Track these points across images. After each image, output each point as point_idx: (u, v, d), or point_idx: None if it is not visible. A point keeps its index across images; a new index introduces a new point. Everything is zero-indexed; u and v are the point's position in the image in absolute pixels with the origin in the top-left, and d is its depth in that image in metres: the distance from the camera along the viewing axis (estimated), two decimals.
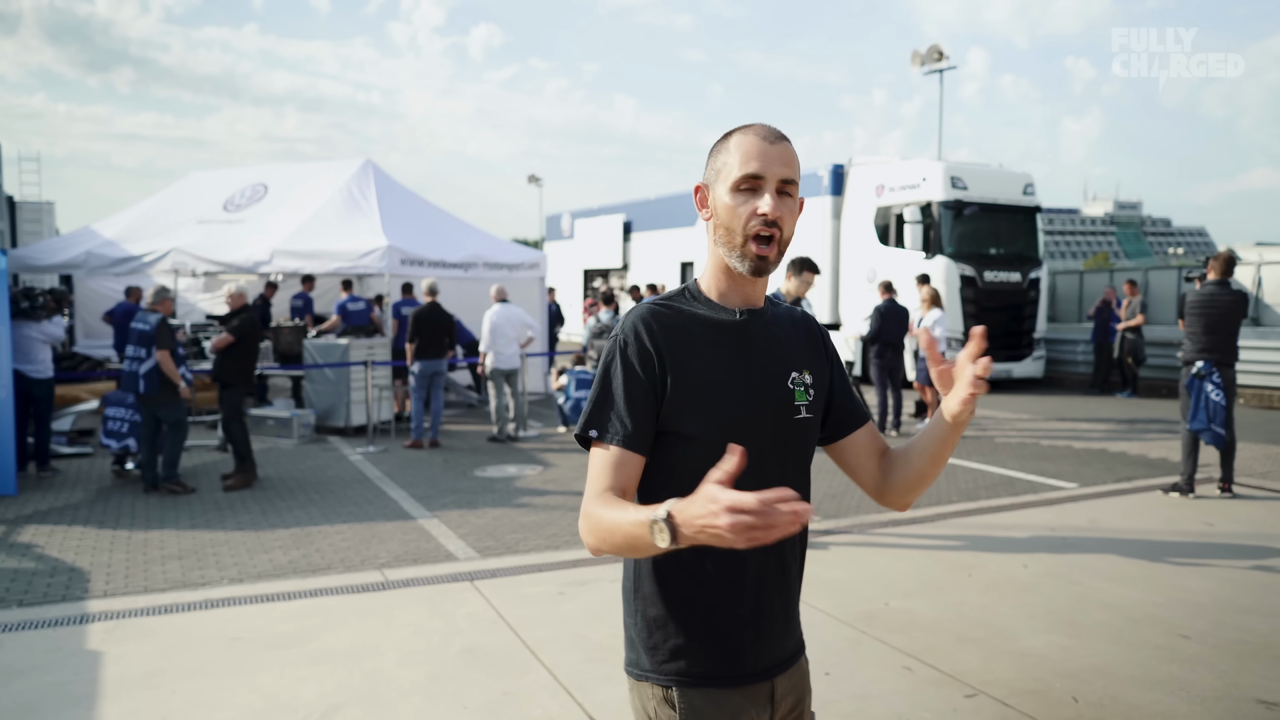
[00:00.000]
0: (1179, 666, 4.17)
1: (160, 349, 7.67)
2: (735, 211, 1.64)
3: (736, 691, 1.68)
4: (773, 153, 1.64)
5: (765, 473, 1.62)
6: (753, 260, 1.64)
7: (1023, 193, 16.08)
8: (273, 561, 5.90)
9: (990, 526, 6.64)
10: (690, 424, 1.64)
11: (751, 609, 1.68)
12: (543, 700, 3.85)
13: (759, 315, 1.73)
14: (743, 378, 1.68)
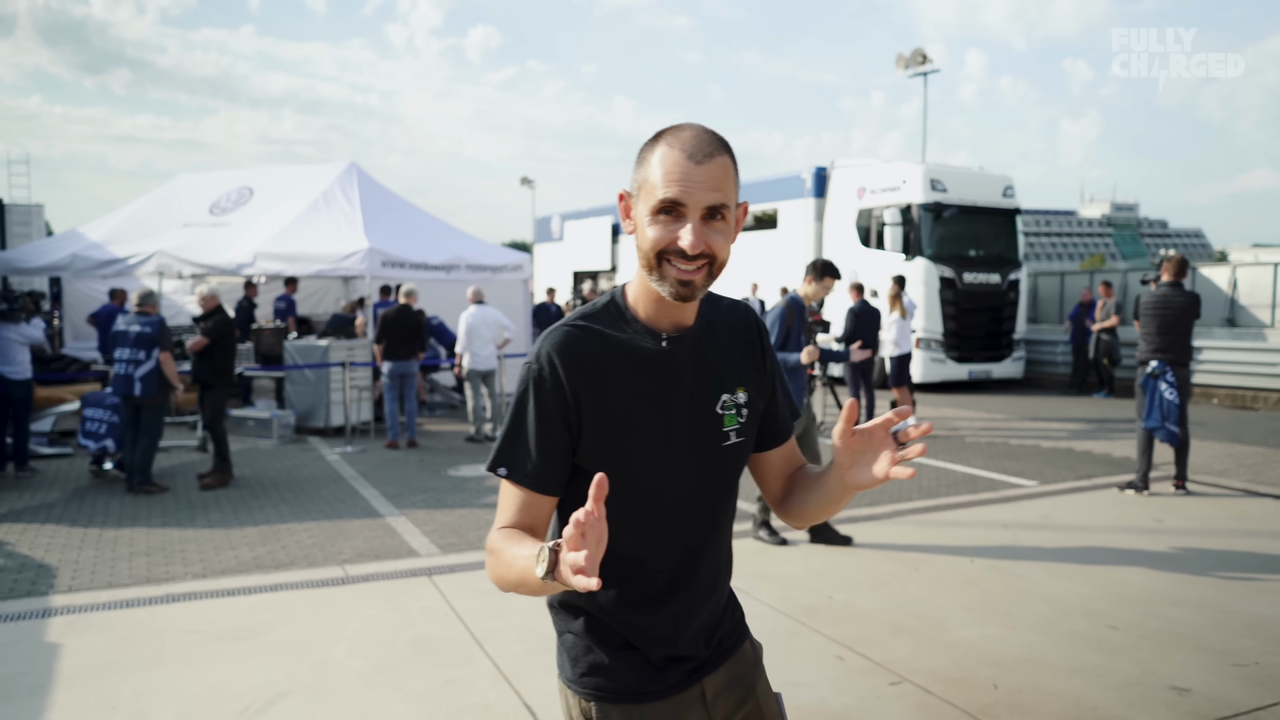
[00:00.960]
0: (1102, 655, 4.31)
1: (164, 350, 7.80)
2: (653, 238, 1.49)
3: (660, 704, 1.65)
4: (698, 175, 1.46)
5: (691, 506, 1.63)
6: (674, 286, 1.50)
7: (1002, 195, 16.23)
8: (238, 558, 6.04)
9: (945, 523, 6.78)
10: (607, 463, 1.51)
11: (669, 623, 1.64)
12: (481, 689, 3.99)
13: (687, 338, 1.61)
14: (665, 412, 1.59)
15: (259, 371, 12.26)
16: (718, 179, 1.47)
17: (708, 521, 1.67)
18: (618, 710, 1.63)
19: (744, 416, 1.66)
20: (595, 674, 1.64)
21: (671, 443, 1.59)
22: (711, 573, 1.70)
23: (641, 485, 1.58)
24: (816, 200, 17.08)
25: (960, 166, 16.89)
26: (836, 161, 17.17)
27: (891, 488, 8.06)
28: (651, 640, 1.64)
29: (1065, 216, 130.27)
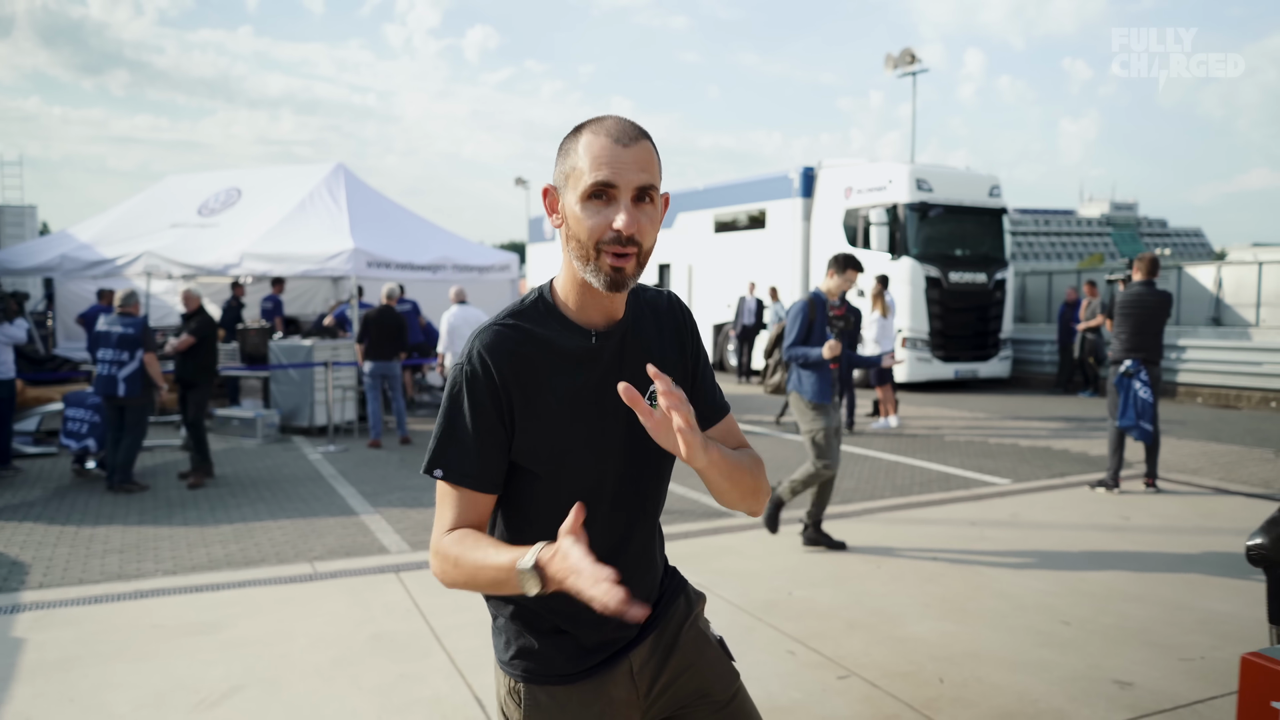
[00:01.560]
0: (1051, 650, 4.36)
1: (148, 351, 7.85)
2: (586, 225, 1.50)
3: (586, 683, 1.69)
4: (626, 157, 1.48)
5: (619, 494, 1.65)
6: (608, 274, 1.51)
7: (989, 194, 16.29)
8: (210, 555, 6.10)
9: (914, 521, 6.84)
10: (539, 459, 1.59)
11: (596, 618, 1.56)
12: (435, 682, 4.04)
13: (615, 331, 1.64)
14: (595, 407, 1.61)
15: (243, 371, 12.31)
16: (644, 160, 1.50)
17: (637, 507, 1.70)
18: (544, 692, 1.68)
19: None
20: (524, 657, 1.69)
21: (602, 436, 1.61)
22: (640, 554, 1.73)
23: (574, 478, 1.61)
24: (804, 200, 17.14)
25: (946, 166, 16.96)
26: (824, 161, 17.23)
27: (863, 485, 8.13)
28: (581, 624, 1.65)
29: (1064, 216, 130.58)
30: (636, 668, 1.73)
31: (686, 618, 1.81)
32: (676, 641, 1.79)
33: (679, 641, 1.79)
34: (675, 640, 1.79)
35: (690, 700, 1.79)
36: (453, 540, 1.55)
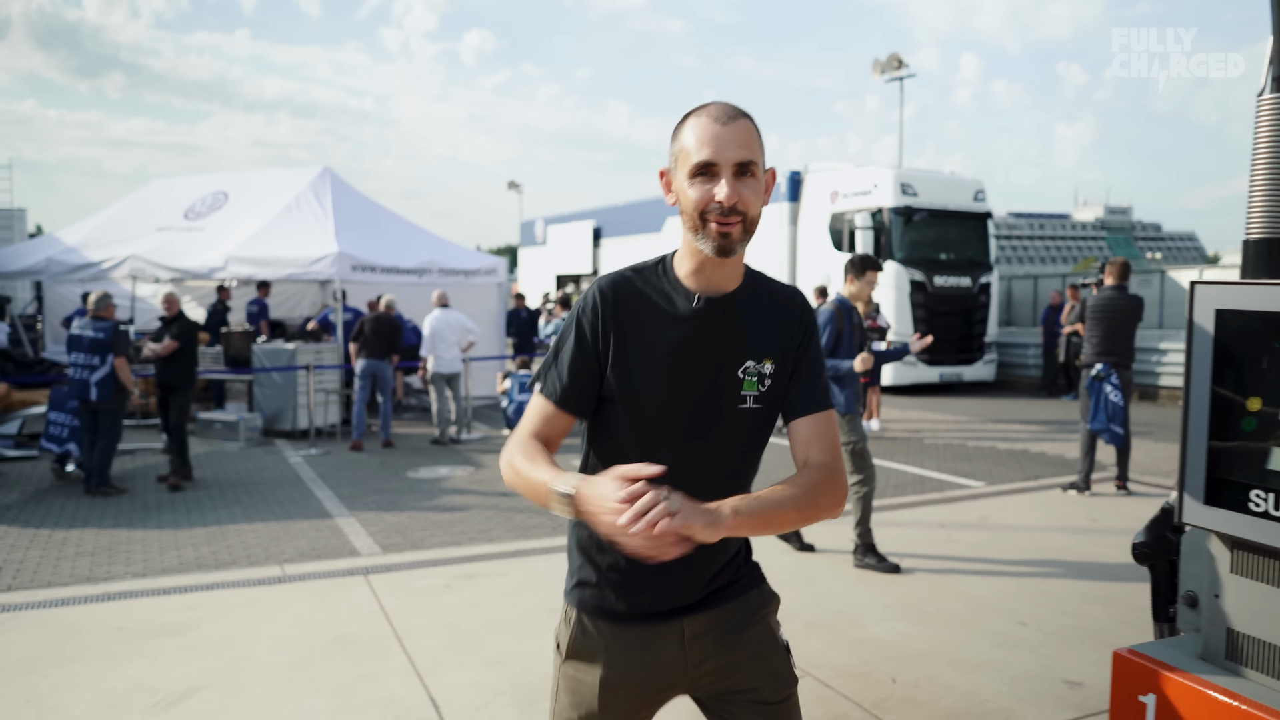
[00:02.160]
0: (1005, 651, 4.41)
1: (119, 355, 7.87)
2: (693, 198, 1.64)
3: (634, 628, 1.78)
4: (725, 135, 1.61)
5: (701, 459, 1.72)
6: (715, 240, 1.63)
7: (973, 199, 16.37)
8: (181, 558, 6.13)
9: (884, 523, 6.86)
10: (627, 400, 1.72)
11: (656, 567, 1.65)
12: (392, 683, 4.08)
13: (722, 302, 1.73)
14: (685, 365, 1.71)
15: (226, 374, 12.34)
16: (743, 138, 1.63)
17: (715, 478, 1.74)
18: (592, 623, 1.80)
19: (765, 386, 1.75)
20: (581, 587, 1.82)
21: (685, 395, 1.72)
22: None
23: (652, 424, 1.73)
24: (791, 204, 17.21)
25: (931, 170, 17.05)
26: (810, 165, 17.31)
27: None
28: (639, 569, 1.69)
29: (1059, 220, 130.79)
30: (689, 634, 1.79)
31: (758, 610, 1.86)
32: (743, 631, 1.82)
33: (745, 632, 1.83)
34: (741, 629, 1.83)
35: (741, 692, 1.82)
36: (520, 448, 1.73)
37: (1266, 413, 1.41)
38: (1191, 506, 1.49)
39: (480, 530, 6.80)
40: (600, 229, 24.79)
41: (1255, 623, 1.44)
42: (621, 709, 1.81)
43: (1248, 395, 1.43)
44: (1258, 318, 1.42)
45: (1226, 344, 1.45)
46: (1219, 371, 1.45)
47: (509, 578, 5.62)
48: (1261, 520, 1.39)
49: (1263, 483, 1.39)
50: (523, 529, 6.85)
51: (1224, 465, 1.44)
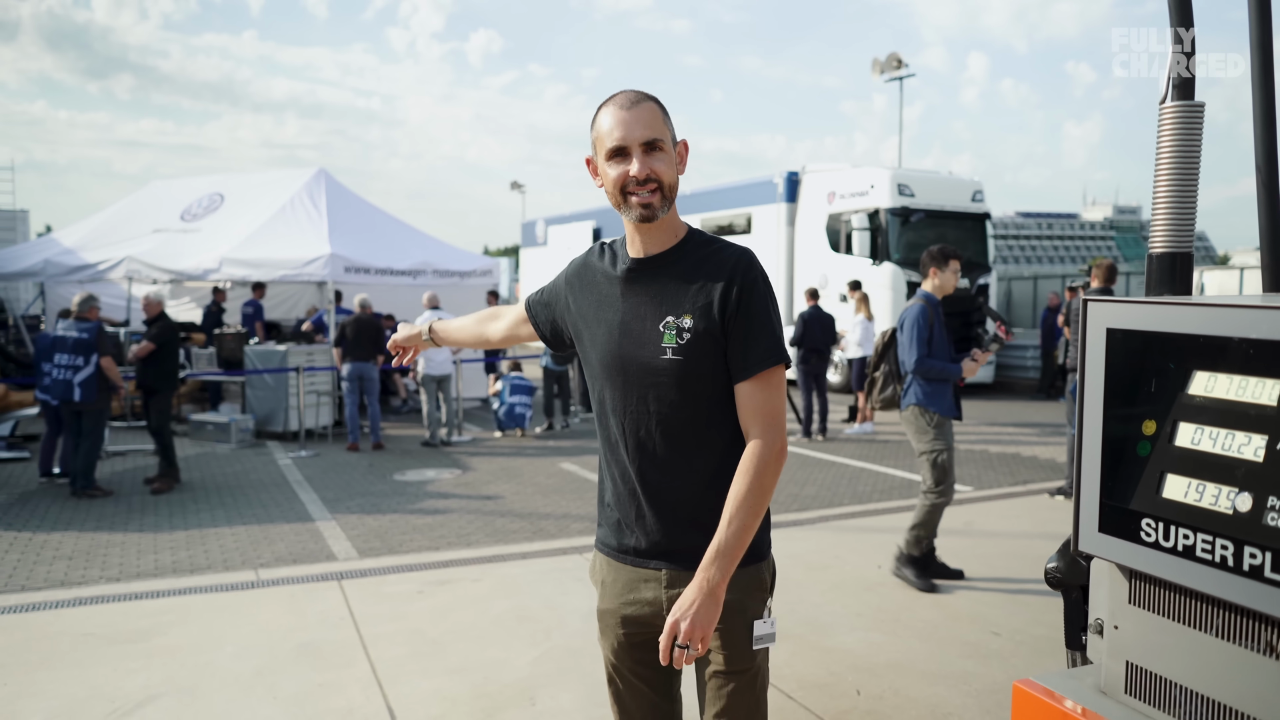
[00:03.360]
0: (975, 662, 4.36)
1: (104, 355, 7.87)
2: (613, 178, 1.87)
3: (622, 566, 2.02)
4: (631, 119, 1.83)
5: (632, 406, 1.94)
6: (638, 210, 1.86)
7: (971, 199, 16.28)
8: (158, 562, 6.11)
9: (866, 529, 6.83)
10: (580, 349, 2.08)
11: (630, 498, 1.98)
12: (351, 692, 4.04)
13: (649, 262, 1.94)
14: (609, 320, 1.97)
15: (218, 376, 12.34)
16: (647, 120, 1.84)
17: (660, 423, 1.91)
18: (597, 556, 2.13)
19: (683, 339, 1.88)
20: (598, 528, 2.13)
21: (615, 344, 1.95)
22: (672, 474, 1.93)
23: (599, 379, 2.01)
24: (788, 205, 17.14)
25: (929, 171, 16.95)
26: (808, 166, 17.23)
27: (824, 492, 8.12)
28: (621, 508, 2.01)
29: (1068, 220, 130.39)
30: (666, 582, 1.96)
31: (735, 587, 1.87)
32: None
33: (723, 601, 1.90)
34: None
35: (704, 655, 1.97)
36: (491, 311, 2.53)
37: (1160, 437, 1.36)
38: (1087, 534, 1.44)
39: (459, 535, 6.77)
40: (600, 229, 24.73)
41: (1151, 656, 1.39)
42: (617, 635, 2.05)
43: (1142, 419, 1.38)
44: (1148, 337, 1.37)
45: (1118, 365, 1.40)
46: (1111, 393, 1.40)
47: (482, 583, 5.58)
48: (1152, 550, 1.34)
49: (1155, 511, 1.34)
50: (502, 533, 6.82)
51: (1118, 492, 1.39)
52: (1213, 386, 1.30)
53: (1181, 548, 1.30)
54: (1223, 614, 1.29)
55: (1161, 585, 1.38)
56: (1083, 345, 1.43)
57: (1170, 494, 1.33)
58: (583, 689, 4.05)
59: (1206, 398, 1.31)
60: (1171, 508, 1.33)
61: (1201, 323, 1.30)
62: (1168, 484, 1.34)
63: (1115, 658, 1.45)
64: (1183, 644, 1.34)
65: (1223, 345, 1.28)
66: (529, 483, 8.74)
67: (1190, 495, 1.31)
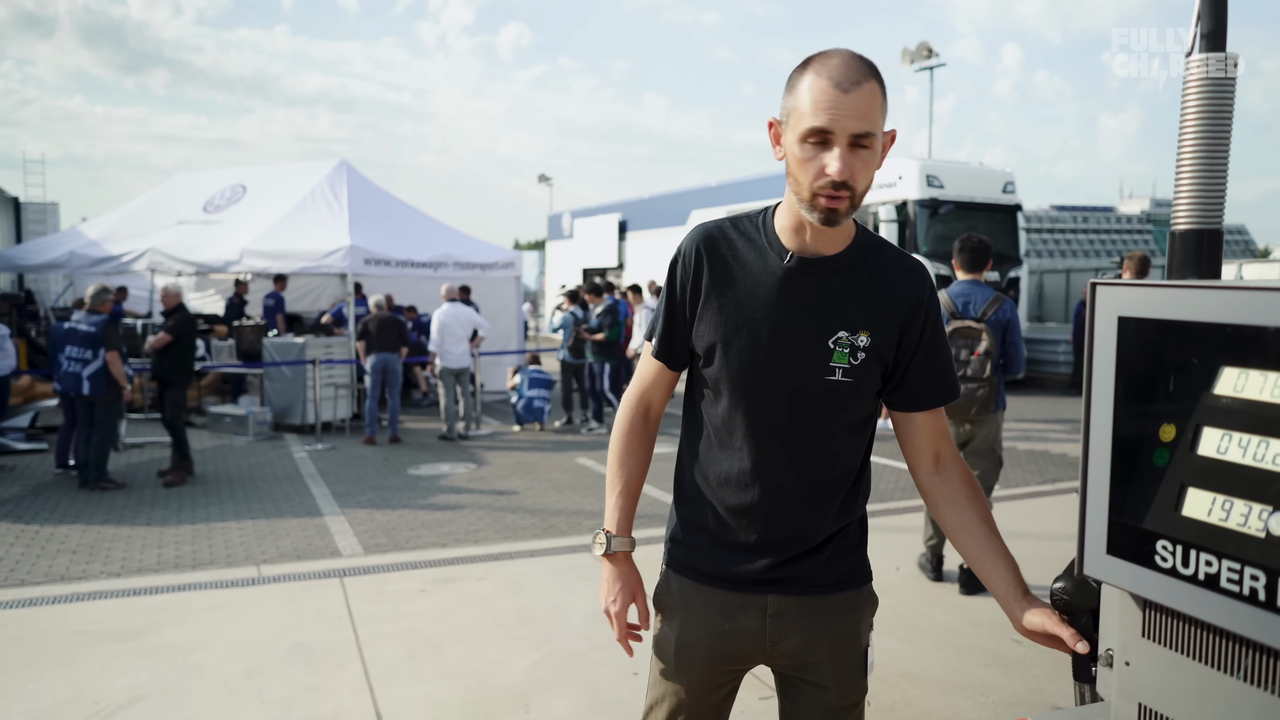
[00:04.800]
0: (993, 672, 4.14)
1: (110, 350, 7.81)
2: (803, 165, 1.54)
3: (715, 591, 1.76)
4: (845, 104, 1.49)
5: (788, 426, 1.69)
6: (822, 213, 1.56)
7: (1002, 191, 15.91)
8: (161, 557, 6.02)
9: (886, 528, 6.60)
10: (711, 355, 1.70)
11: (747, 521, 1.73)
12: (340, 696, 3.91)
13: (819, 264, 1.66)
14: (769, 324, 1.65)
15: (234, 368, 12.33)
16: (865, 107, 1.50)
17: (803, 445, 1.70)
18: (678, 580, 1.83)
19: (857, 359, 1.66)
20: (674, 544, 1.86)
21: (770, 354, 1.66)
22: (803, 498, 1.72)
23: (737, 385, 1.69)
24: None
25: (959, 161, 16.60)
26: None
27: None
28: (727, 532, 1.75)
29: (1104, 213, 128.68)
30: (772, 611, 1.75)
31: (851, 611, 1.80)
32: (829, 628, 1.77)
33: (831, 629, 1.77)
34: (828, 625, 1.77)
35: (810, 684, 1.80)
36: (621, 435, 1.87)
37: (1180, 444, 1.16)
38: (1093, 556, 1.24)
39: (468, 531, 6.63)
40: (625, 222, 24.57)
41: (1167, 699, 1.19)
42: (698, 670, 1.80)
43: (1159, 422, 1.17)
44: (1167, 326, 1.16)
45: (1131, 359, 1.20)
46: (1123, 392, 1.20)
47: (487, 582, 5.44)
48: (1168, 578, 1.14)
49: (1173, 532, 1.14)
50: (512, 530, 6.67)
51: (1130, 508, 1.19)
52: (1244, 385, 1.10)
53: (1204, 576, 1.10)
54: (1252, 655, 1.09)
55: (1180, 618, 1.18)
56: (1090, 336, 1.23)
57: (1191, 511, 1.13)
58: (580, 696, 3.89)
59: (1236, 398, 1.10)
60: (1193, 528, 1.12)
61: (1231, 310, 1.10)
62: (1189, 499, 1.14)
63: (1126, 698, 1.25)
64: (1204, 687, 1.14)
65: (1256, 336, 1.07)
66: (543, 478, 8.58)
67: (1215, 514, 1.11)
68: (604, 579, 1.85)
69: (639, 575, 1.89)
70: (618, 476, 1.86)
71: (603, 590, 1.85)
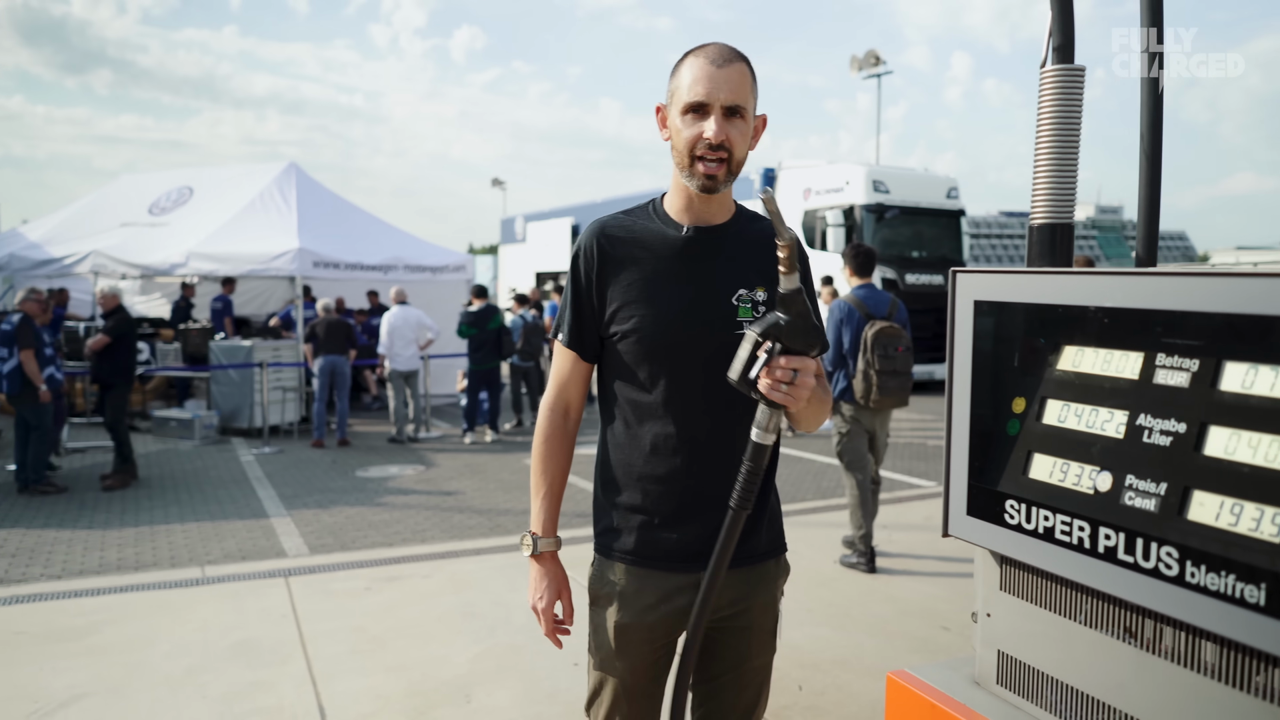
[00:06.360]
0: (921, 657, 4.30)
1: (23, 349, 7.71)
2: (684, 135, 1.70)
3: (652, 573, 1.84)
4: (719, 77, 1.67)
5: (705, 383, 1.76)
6: (701, 179, 1.71)
7: (946, 196, 16.27)
8: (103, 559, 5.99)
9: (827, 524, 6.77)
10: (627, 333, 1.79)
11: (676, 497, 1.81)
12: (283, 690, 3.95)
13: (711, 232, 1.80)
14: (678, 292, 1.78)
15: (179, 371, 12.20)
16: (736, 82, 1.68)
17: (721, 403, 1.77)
18: (611, 567, 1.88)
19: (759, 313, 1.77)
20: (605, 533, 1.90)
21: (683, 318, 1.77)
22: (726, 458, 1.77)
23: (655, 355, 1.79)
24: None
25: (904, 168, 16.95)
26: (784, 162, 17.19)
27: (790, 489, 8.07)
28: (658, 511, 1.82)
29: None
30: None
31: (773, 580, 1.93)
32: (754, 598, 1.88)
33: (755, 599, 1.88)
34: (754, 595, 1.88)
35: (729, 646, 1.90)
36: (542, 440, 1.93)
37: (1029, 415, 1.29)
38: (956, 517, 1.37)
39: (415, 531, 6.67)
40: (578, 226, 24.64)
41: (1021, 645, 1.33)
42: (637, 652, 1.87)
43: (1012, 395, 1.31)
44: (1017, 309, 1.30)
45: (986, 339, 1.33)
46: (980, 370, 1.33)
47: (432, 580, 5.50)
48: (1016, 534, 1.27)
49: (1020, 492, 1.27)
50: (459, 529, 6.73)
51: (987, 473, 1.33)
52: (1080, 361, 1.23)
53: (1043, 530, 1.23)
54: (1083, 599, 1.22)
55: (1028, 570, 1.31)
56: (951, 319, 1.36)
57: (1036, 474, 1.27)
58: (521, 686, 3.98)
59: (1074, 372, 1.24)
60: (1036, 488, 1.26)
61: (1066, 293, 1.23)
62: (1035, 463, 1.27)
63: (987, 647, 1.38)
64: (1050, 632, 1.28)
65: (1083, 316, 1.21)
66: (492, 479, 8.64)
67: (1055, 475, 1.24)
68: (531, 578, 1.93)
69: (565, 573, 1.97)
70: (541, 480, 1.93)
71: (530, 589, 1.93)
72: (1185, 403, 1.10)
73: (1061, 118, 1.40)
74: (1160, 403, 1.12)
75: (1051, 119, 1.40)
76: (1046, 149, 1.41)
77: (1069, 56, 1.41)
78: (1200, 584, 1.04)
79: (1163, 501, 1.09)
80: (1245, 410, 1.03)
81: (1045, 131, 1.41)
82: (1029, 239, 1.46)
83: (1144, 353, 1.15)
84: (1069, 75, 1.40)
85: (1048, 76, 1.41)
